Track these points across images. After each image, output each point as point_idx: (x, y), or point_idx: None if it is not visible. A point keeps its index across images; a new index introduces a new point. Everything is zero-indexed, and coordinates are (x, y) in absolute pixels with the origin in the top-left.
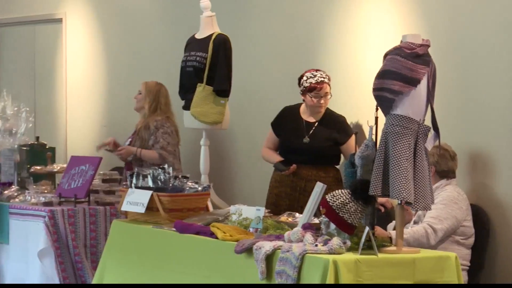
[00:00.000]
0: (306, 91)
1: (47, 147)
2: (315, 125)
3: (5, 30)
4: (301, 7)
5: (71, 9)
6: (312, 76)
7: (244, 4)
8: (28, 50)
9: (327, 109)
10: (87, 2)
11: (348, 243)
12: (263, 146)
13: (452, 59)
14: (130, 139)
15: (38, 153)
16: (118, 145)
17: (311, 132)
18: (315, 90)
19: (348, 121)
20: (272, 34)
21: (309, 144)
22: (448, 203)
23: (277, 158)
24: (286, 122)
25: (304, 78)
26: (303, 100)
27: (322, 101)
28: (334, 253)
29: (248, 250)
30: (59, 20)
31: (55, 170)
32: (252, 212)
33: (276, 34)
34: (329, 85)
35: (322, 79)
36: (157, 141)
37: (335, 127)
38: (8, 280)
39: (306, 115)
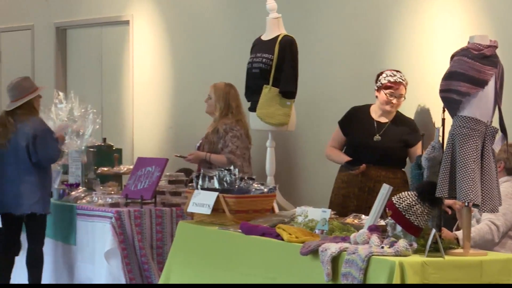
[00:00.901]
0: (383, 87)
1: (114, 148)
2: (387, 125)
3: (72, 32)
4: (367, 7)
5: (138, 11)
6: (392, 75)
7: (310, 5)
8: (95, 52)
9: (397, 111)
10: (154, 4)
11: (415, 245)
12: (327, 146)
13: None
14: (200, 141)
15: (105, 154)
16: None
17: (382, 131)
18: (391, 88)
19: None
20: (338, 34)
21: (380, 142)
22: (503, 198)
23: (344, 157)
24: (355, 121)
25: (384, 75)
26: (376, 97)
27: (395, 101)
28: (400, 255)
29: (314, 252)
30: (126, 22)
31: (122, 171)
32: (318, 213)
33: (342, 35)
34: (405, 88)
35: (401, 80)
36: (226, 145)
37: (406, 129)
38: (75, 281)
39: (376, 115)
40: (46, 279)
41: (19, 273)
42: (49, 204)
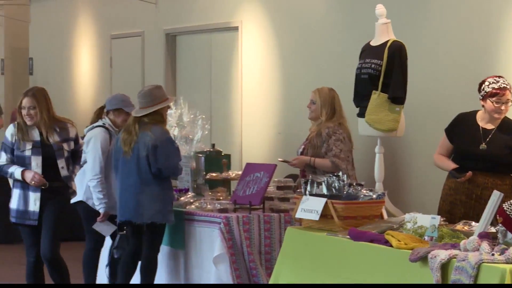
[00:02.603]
0: (488, 96)
1: (222, 154)
2: (493, 132)
3: (182, 38)
4: (478, 11)
5: (247, 18)
6: (495, 82)
7: (419, 10)
8: (205, 58)
9: (505, 117)
10: (263, 10)
11: None
12: (435, 153)
13: None
14: (303, 146)
15: (213, 160)
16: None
17: (488, 139)
18: (497, 95)
19: None
20: (448, 40)
21: (486, 151)
22: None
23: (451, 165)
24: (461, 129)
25: (486, 83)
26: (482, 106)
27: (503, 107)
28: (511, 263)
29: (423, 259)
30: (235, 28)
31: (231, 177)
32: (427, 220)
33: (452, 40)
34: (510, 92)
35: (505, 85)
36: (329, 148)
37: None
38: None
39: (483, 122)
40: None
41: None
42: (171, 214)
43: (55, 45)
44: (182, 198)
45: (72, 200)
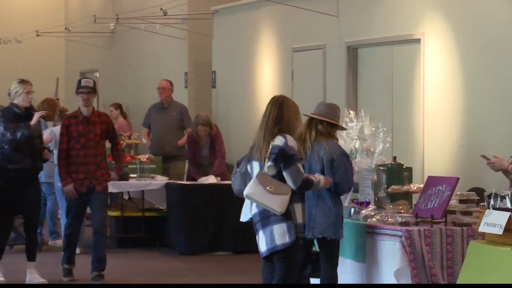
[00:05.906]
0: None
1: (404, 167)
2: None
3: (364, 50)
4: None
5: (429, 30)
6: None
7: None
8: (386, 70)
9: None
10: (446, 22)
11: None
12: None
13: None
14: None
15: (395, 173)
16: None
17: None
18: None
19: None
20: None
21: None
22: None
23: None
24: None
25: None
26: None
27: None
28: None
29: None
30: (417, 41)
31: (412, 190)
32: None
33: None
34: None
35: None
36: None
37: None
38: None
39: None
40: None
41: None
42: (341, 229)
43: (237, 59)
44: (363, 211)
45: None
